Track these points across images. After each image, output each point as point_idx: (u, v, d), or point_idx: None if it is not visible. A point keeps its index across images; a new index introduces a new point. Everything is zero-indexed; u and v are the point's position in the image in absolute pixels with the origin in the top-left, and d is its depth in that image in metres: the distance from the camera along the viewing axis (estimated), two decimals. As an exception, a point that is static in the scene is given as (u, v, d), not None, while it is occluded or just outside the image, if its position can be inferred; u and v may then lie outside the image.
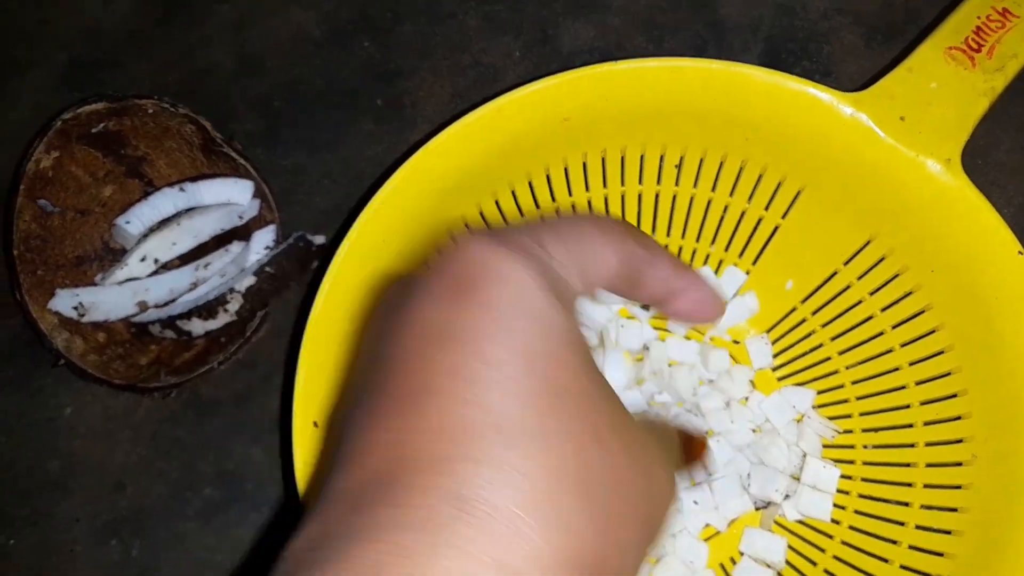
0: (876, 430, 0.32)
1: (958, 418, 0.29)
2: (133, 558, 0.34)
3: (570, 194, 0.33)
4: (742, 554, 0.32)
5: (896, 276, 0.30)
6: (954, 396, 0.29)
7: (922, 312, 0.30)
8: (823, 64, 0.41)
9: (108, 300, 0.34)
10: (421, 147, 0.29)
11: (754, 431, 0.33)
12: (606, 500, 0.14)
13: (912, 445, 0.30)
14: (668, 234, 0.35)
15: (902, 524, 0.30)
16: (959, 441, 0.28)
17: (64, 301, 0.33)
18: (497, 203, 0.32)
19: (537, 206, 0.33)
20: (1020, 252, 0.27)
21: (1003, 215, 0.37)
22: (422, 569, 0.12)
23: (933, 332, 0.29)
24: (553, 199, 0.33)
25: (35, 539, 0.34)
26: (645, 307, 0.35)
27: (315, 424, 0.26)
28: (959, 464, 0.28)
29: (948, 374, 0.29)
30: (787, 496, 0.31)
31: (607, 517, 0.14)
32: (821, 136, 0.29)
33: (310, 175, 0.39)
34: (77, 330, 0.33)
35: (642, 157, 0.32)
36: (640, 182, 0.33)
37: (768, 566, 0.31)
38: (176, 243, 0.36)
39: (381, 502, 0.13)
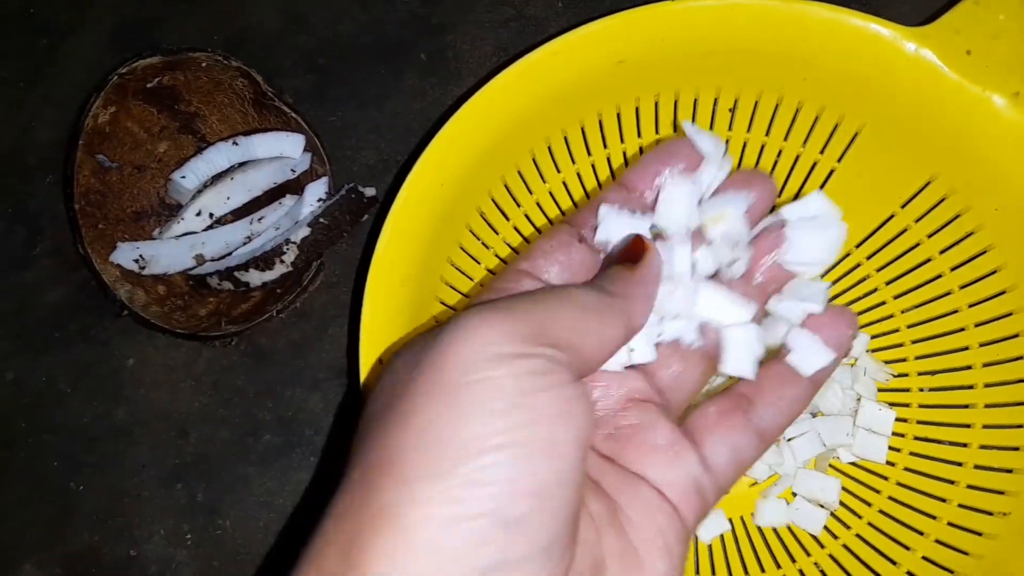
0: (933, 373, 0.32)
1: (1019, 358, 0.29)
2: (198, 502, 0.35)
3: (622, 141, 0.33)
4: (795, 495, 0.32)
5: (957, 216, 0.30)
6: (1016, 336, 0.29)
7: (983, 252, 0.29)
8: (873, 2, 0.40)
9: (167, 253, 0.35)
10: (475, 93, 0.29)
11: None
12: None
13: (971, 387, 0.30)
14: (719, 181, 0.34)
15: (960, 465, 0.30)
16: (1020, 381, 0.28)
17: (125, 254, 0.34)
18: (550, 149, 0.32)
19: (588, 153, 0.33)
20: (1089, 187, 0.26)
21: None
22: None
23: (994, 272, 0.29)
24: (605, 146, 0.33)
25: (104, 484, 0.35)
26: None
27: (380, 361, 0.27)
28: (1020, 404, 0.28)
29: (1009, 314, 0.29)
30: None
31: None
32: (883, 74, 0.29)
33: (357, 130, 0.39)
34: (139, 282, 0.34)
35: (695, 101, 0.32)
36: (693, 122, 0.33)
37: (822, 506, 0.31)
38: (230, 198, 0.36)
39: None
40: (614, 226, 0.23)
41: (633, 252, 0.21)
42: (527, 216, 0.33)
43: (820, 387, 0.24)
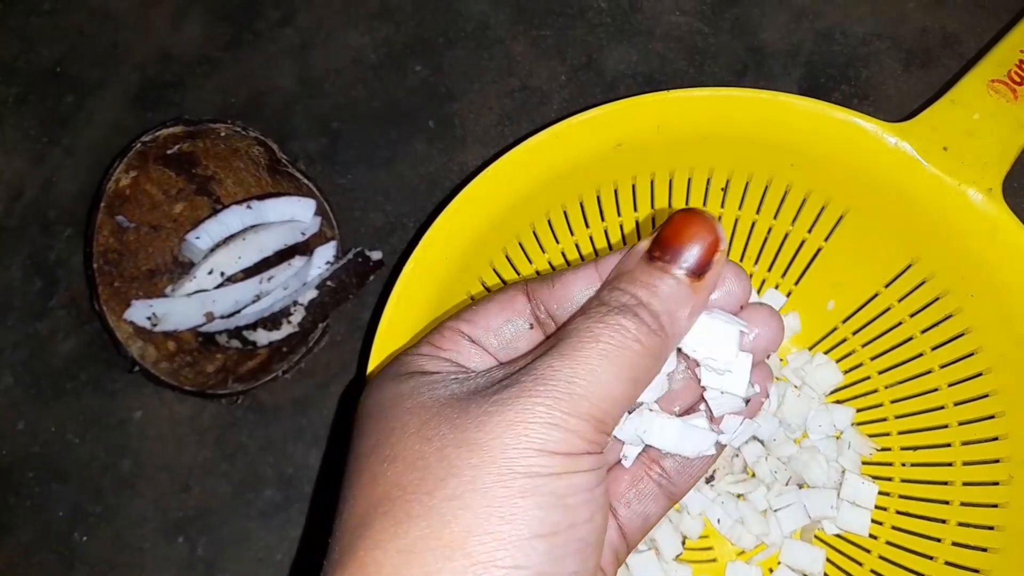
0: (914, 448, 0.33)
1: (995, 439, 0.30)
2: (198, 556, 0.36)
3: (619, 215, 0.35)
4: (780, 563, 0.33)
5: (936, 299, 0.31)
6: (992, 417, 0.30)
7: (961, 335, 0.31)
8: (861, 88, 0.42)
9: (178, 311, 0.36)
10: (482, 171, 0.31)
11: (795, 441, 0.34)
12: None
13: (950, 464, 0.31)
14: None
15: (939, 540, 0.30)
16: (996, 461, 0.29)
17: (139, 312, 0.35)
18: (550, 222, 0.34)
19: (587, 226, 0.35)
20: (1060, 280, 0.28)
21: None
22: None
23: (972, 355, 0.30)
24: (602, 219, 0.35)
25: (108, 535, 0.36)
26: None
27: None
28: (996, 484, 0.29)
29: (986, 396, 0.30)
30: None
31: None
32: (865, 164, 0.30)
33: (366, 192, 0.41)
34: (150, 339, 0.36)
35: (689, 180, 0.34)
36: (687, 203, 0.35)
37: (807, 577, 0.32)
38: (241, 257, 0.38)
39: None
40: None
41: (695, 244, 0.19)
42: (526, 285, 0.35)
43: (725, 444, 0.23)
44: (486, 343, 0.22)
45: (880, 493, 0.32)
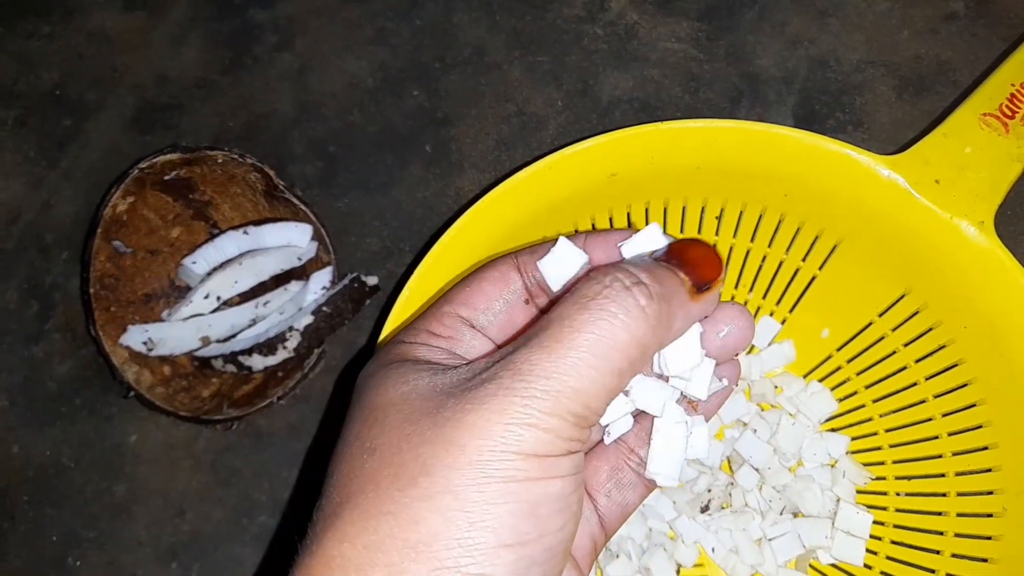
0: (909, 478, 0.33)
1: (989, 470, 0.30)
2: (192, 581, 0.36)
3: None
4: (776, 594, 0.33)
5: (930, 330, 0.31)
6: (985, 448, 0.30)
7: (955, 366, 0.31)
8: (855, 115, 0.42)
9: (174, 335, 0.36)
10: (478, 200, 0.31)
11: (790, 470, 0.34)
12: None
13: (944, 495, 0.31)
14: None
15: (933, 572, 0.30)
16: (990, 493, 0.29)
17: (135, 336, 0.35)
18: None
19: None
20: (1051, 313, 0.28)
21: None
22: None
23: (965, 386, 0.31)
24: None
25: (101, 561, 0.36)
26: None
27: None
28: (989, 516, 0.29)
29: (979, 427, 0.30)
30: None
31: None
32: (858, 196, 0.31)
33: (363, 216, 0.41)
34: (146, 364, 0.36)
35: (684, 209, 0.34)
36: (681, 232, 0.35)
37: (802, 608, 0.32)
38: (238, 281, 0.38)
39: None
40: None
41: (705, 269, 0.20)
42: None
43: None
44: (484, 324, 0.21)
45: (875, 523, 0.32)
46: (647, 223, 0.34)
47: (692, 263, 0.20)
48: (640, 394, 0.21)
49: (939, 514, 0.31)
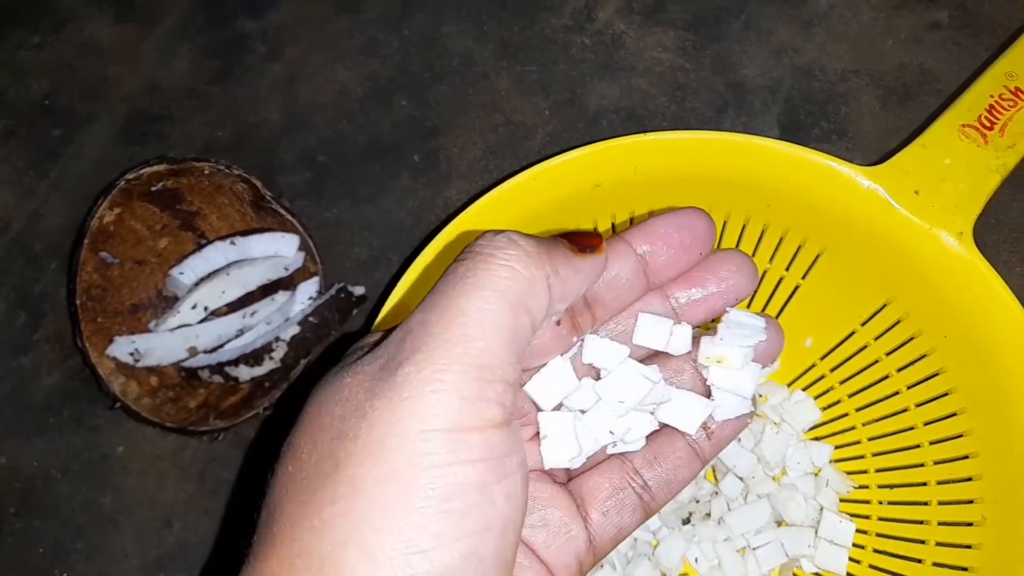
0: (891, 486, 0.33)
1: (969, 479, 0.30)
2: (179, 591, 0.36)
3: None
4: (760, 603, 0.33)
5: (911, 339, 0.32)
6: (965, 458, 0.30)
7: (935, 375, 0.31)
8: (840, 124, 0.42)
9: (161, 346, 0.36)
10: (463, 210, 0.31)
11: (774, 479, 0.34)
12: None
13: (926, 503, 0.31)
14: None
15: (916, 580, 0.31)
16: (970, 502, 0.30)
17: (121, 348, 0.35)
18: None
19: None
20: (1030, 323, 0.28)
21: (1016, 273, 0.39)
22: None
23: (946, 395, 0.31)
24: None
25: (89, 572, 0.36)
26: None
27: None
28: (970, 524, 0.29)
29: (960, 436, 0.30)
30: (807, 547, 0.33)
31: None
32: (840, 206, 0.31)
33: (351, 226, 0.41)
34: (132, 375, 0.36)
35: (667, 220, 0.34)
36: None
37: (786, 616, 0.32)
38: (225, 291, 0.38)
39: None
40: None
41: (584, 241, 0.19)
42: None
43: (712, 456, 0.23)
44: None
45: (858, 531, 0.33)
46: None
47: (570, 236, 0.20)
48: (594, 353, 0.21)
49: (921, 523, 0.31)
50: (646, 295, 0.22)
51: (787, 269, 0.35)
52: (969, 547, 0.29)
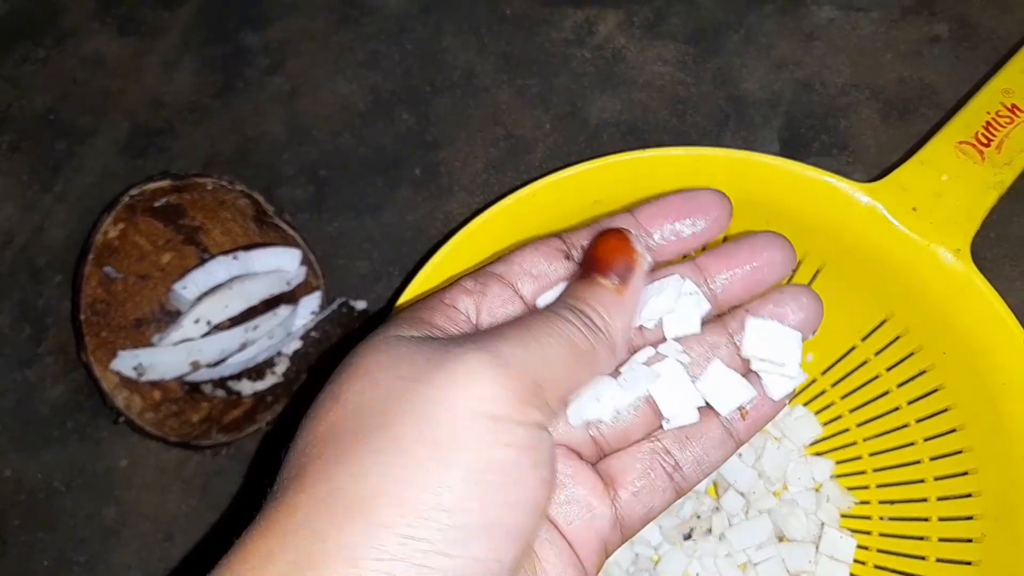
0: (892, 502, 0.33)
1: (969, 495, 0.30)
2: (181, 605, 0.36)
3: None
4: (761, 618, 0.33)
5: (911, 355, 0.32)
6: (965, 474, 0.30)
7: (935, 391, 0.31)
8: (840, 138, 0.42)
9: (164, 360, 0.37)
10: (464, 225, 0.31)
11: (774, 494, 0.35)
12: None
13: (926, 519, 0.31)
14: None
15: (916, 596, 0.31)
16: (970, 518, 0.30)
17: (125, 362, 0.36)
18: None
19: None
20: (1028, 340, 0.28)
21: (1016, 288, 0.39)
22: None
23: (945, 411, 0.31)
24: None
25: (91, 584, 0.36)
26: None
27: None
28: (969, 541, 0.30)
29: (959, 452, 0.30)
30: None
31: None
32: (838, 222, 0.31)
33: (352, 239, 0.42)
34: (136, 389, 0.36)
35: (667, 235, 0.34)
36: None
37: (786, 631, 0.32)
38: (228, 306, 0.38)
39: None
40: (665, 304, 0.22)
41: (617, 261, 0.21)
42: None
43: (748, 438, 0.24)
44: (518, 281, 0.23)
45: (859, 547, 0.33)
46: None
47: (602, 259, 0.21)
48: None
49: (921, 539, 0.31)
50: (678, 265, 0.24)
51: (788, 283, 0.35)
52: (969, 563, 0.29)
